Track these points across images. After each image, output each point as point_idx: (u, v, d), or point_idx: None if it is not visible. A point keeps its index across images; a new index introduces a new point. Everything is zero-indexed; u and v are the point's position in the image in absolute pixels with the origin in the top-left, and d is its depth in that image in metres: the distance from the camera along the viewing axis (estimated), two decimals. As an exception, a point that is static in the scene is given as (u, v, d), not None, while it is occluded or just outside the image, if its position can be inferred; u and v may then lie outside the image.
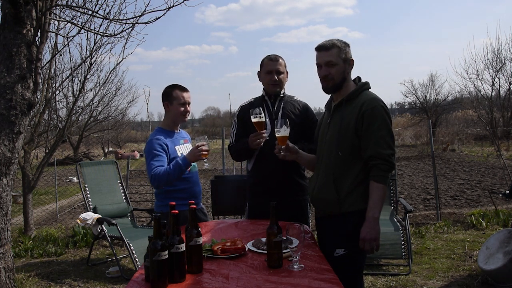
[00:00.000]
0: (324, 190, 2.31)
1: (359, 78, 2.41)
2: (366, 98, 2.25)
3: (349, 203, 2.24)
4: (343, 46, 2.29)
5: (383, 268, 4.40)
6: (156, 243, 1.68)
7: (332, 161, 2.29)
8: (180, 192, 2.87)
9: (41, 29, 3.20)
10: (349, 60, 2.31)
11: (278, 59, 2.86)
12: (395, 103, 34.98)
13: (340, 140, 2.26)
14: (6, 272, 3.17)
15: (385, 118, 2.21)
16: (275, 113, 2.85)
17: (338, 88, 2.32)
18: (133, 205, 5.98)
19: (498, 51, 17.03)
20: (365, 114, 2.20)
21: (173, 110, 2.91)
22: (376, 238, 2.19)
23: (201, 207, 3.11)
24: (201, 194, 3.10)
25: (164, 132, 2.94)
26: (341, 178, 2.26)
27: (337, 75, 2.28)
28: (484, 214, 6.06)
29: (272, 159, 2.69)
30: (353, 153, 2.25)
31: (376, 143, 2.17)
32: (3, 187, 3.13)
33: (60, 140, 6.19)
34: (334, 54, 2.26)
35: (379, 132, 2.18)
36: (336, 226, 2.28)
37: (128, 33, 4.44)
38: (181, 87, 2.93)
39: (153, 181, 2.78)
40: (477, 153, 15.37)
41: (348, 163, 2.25)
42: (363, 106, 2.22)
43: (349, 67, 2.33)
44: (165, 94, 2.94)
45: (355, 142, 2.24)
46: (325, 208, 2.35)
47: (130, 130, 28.18)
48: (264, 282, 1.75)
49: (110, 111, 18.14)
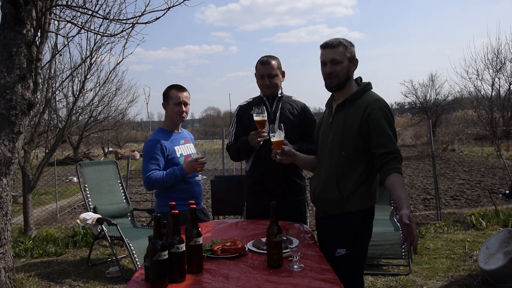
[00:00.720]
0: (326, 190, 2.31)
1: (361, 78, 2.40)
2: (370, 99, 2.25)
3: (352, 203, 2.23)
4: (348, 45, 2.29)
5: (383, 268, 4.40)
6: (156, 243, 1.68)
7: (335, 161, 2.28)
8: (179, 192, 2.88)
9: (41, 29, 3.20)
10: (354, 59, 2.32)
11: (270, 61, 2.81)
12: (395, 103, 34.93)
13: (344, 140, 2.25)
14: (6, 272, 3.17)
15: (389, 118, 2.23)
16: (273, 113, 2.84)
17: (342, 86, 2.31)
18: (133, 205, 5.98)
19: (498, 51, 17.05)
20: (370, 115, 2.19)
21: (170, 110, 2.94)
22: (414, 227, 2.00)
23: (202, 207, 3.11)
24: (201, 195, 3.10)
25: (164, 132, 2.96)
26: (344, 178, 2.25)
27: (342, 73, 2.28)
28: (484, 214, 6.06)
29: (270, 159, 2.69)
30: (356, 153, 2.24)
31: (389, 140, 2.18)
32: (3, 187, 3.13)
33: (60, 140, 6.19)
34: (340, 52, 2.26)
35: (390, 130, 2.19)
36: (338, 226, 2.28)
37: (128, 33, 4.45)
38: (178, 87, 2.94)
39: (147, 184, 2.85)
40: (477, 153, 15.37)
41: (351, 163, 2.25)
42: (368, 107, 2.21)
43: (354, 67, 2.33)
44: (163, 94, 2.97)
45: (358, 143, 2.23)
46: (328, 208, 2.35)
47: (130, 130, 28.17)
48: (264, 282, 1.75)
49: (110, 111, 18.17)
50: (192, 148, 3.07)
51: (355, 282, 2.27)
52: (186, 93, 2.95)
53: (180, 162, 2.92)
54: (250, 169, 2.92)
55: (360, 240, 2.26)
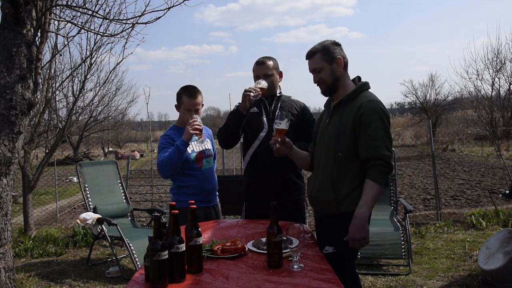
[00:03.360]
0: (322, 191, 2.31)
1: (359, 78, 2.40)
2: (364, 99, 2.24)
3: (348, 203, 2.22)
4: (325, 48, 2.29)
5: (383, 268, 4.40)
6: (156, 243, 1.69)
7: (331, 161, 2.28)
8: (188, 188, 2.92)
9: (41, 29, 3.20)
10: (335, 60, 2.29)
11: (265, 61, 2.82)
12: (395, 103, 35.02)
13: (340, 141, 2.25)
14: (6, 272, 3.17)
15: (383, 120, 2.18)
16: (272, 113, 2.84)
17: (333, 89, 2.33)
18: (133, 205, 5.98)
19: (498, 51, 17.06)
20: (362, 115, 2.18)
21: (181, 113, 2.99)
22: (365, 236, 2.15)
23: (215, 204, 3.10)
24: (215, 191, 3.10)
25: (175, 129, 3.01)
26: (340, 179, 2.25)
27: (327, 77, 2.30)
28: (484, 214, 6.06)
29: (268, 159, 2.69)
30: (351, 154, 2.23)
31: (374, 144, 2.15)
32: (3, 187, 3.13)
33: (60, 140, 6.19)
34: (317, 59, 2.30)
35: (378, 133, 2.16)
36: (333, 226, 2.27)
37: (128, 33, 4.45)
38: (190, 93, 2.93)
39: (160, 170, 2.86)
40: (477, 153, 15.37)
41: (347, 164, 2.24)
42: (361, 107, 2.20)
43: (339, 67, 2.30)
44: (177, 95, 3.00)
45: (353, 144, 2.22)
46: (324, 209, 2.35)
47: (130, 130, 28.18)
48: (264, 282, 1.75)
49: (110, 111, 18.17)
50: (209, 144, 3.07)
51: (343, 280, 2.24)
52: (198, 99, 2.93)
53: (191, 158, 2.92)
54: (248, 169, 2.91)
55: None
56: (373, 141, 2.16)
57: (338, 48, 2.33)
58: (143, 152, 22.49)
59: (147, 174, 11.58)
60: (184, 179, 2.93)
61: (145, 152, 22.90)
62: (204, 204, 2.96)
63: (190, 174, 2.93)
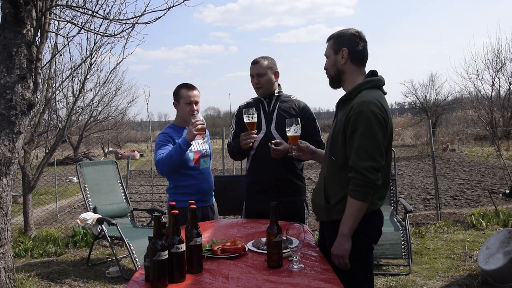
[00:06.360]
0: (316, 193, 2.23)
1: (372, 73, 2.14)
2: (358, 100, 2.01)
3: (336, 211, 2.07)
4: (339, 35, 2.16)
5: (383, 268, 4.40)
6: (156, 243, 1.68)
7: (326, 165, 2.19)
8: (186, 188, 2.93)
9: (41, 29, 3.20)
10: (339, 50, 2.13)
11: (259, 61, 2.81)
12: (395, 103, 34.96)
13: (333, 144, 2.13)
14: (6, 272, 3.17)
15: (371, 125, 1.94)
16: (270, 113, 2.84)
17: (336, 81, 2.21)
18: (133, 205, 5.98)
19: (498, 51, 16.99)
20: (350, 120, 1.99)
21: (181, 109, 2.98)
22: (344, 255, 1.99)
23: (211, 204, 3.11)
24: (211, 191, 3.11)
25: (173, 128, 3.01)
26: (331, 184, 2.12)
27: (329, 67, 2.20)
28: (484, 214, 6.06)
29: (268, 159, 2.69)
30: (344, 159, 2.05)
31: (356, 153, 1.95)
32: (3, 187, 3.13)
33: (60, 140, 6.18)
34: (328, 45, 2.20)
35: (361, 141, 1.94)
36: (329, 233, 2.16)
37: (128, 33, 4.44)
38: (188, 86, 2.97)
39: (158, 167, 2.86)
40: (477, 153, 15.38)
41: (340, 169, 2.07)
42: (352, 110, 1.99)
43: (342, 59, 2.13)
44: (174, 93, 3.00)
45: (344, 149, 2.05)
46: (318, 213, 2.27)
47: (130, 130, 28.20)
48: (264, 282, 1.74)
49: (110, 111, 18.20)
50: (206, 144, 3.07)
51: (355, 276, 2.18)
52: (196, 92, 2.97)
53: (190, 157, 2.93)
54: (249, 169, 2.92)
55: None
56: (355, 150, 1.96)
57: (356, 39, 2.12)
58: (143, 152, 22.51)
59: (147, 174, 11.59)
60: (182, 179, 2.94)
61: (145, 152, 22.92)
62: (202, 203, 2.97)
63: (189, 174, 2.94)
